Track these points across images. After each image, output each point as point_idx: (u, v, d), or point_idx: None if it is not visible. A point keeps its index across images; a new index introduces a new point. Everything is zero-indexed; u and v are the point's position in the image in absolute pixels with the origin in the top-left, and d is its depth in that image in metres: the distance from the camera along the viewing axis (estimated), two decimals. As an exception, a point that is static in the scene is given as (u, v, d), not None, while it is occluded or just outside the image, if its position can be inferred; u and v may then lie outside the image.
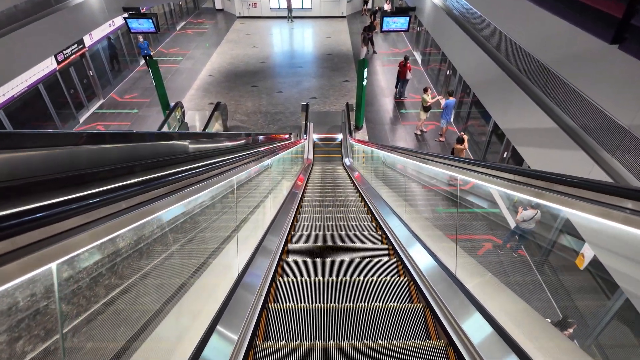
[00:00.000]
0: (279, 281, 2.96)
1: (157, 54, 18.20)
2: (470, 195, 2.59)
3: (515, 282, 7.36)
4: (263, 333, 2.39)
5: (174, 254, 1.77)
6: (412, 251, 3.20)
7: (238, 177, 2.50)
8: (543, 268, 7.46)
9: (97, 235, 0.86)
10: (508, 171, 1.67)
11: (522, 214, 7.20)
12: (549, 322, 1.97)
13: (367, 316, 2.52)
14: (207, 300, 2.09)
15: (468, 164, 2.15)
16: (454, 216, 2.65)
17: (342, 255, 3.71)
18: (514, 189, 1.59)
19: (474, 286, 2.28)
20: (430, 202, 4.78)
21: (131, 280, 1.36)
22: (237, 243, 2.52)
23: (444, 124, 11.41)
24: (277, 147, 5.50)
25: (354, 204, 5.98)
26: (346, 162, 10.56)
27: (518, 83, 6.11)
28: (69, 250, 0.78)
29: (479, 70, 8.19)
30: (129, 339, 1.31)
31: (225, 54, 18.43)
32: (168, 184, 1.22)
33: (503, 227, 8.94)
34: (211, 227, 2.42)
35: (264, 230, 3.59)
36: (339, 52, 18.66)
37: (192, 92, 14.85)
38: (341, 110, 13.68)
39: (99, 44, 13.87)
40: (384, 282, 2.96)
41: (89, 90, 13.53)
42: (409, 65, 13.50)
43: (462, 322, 2.10)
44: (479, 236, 8.48)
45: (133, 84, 15.28)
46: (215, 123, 11.71)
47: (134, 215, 1.00)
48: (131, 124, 12.63)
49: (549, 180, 1.36)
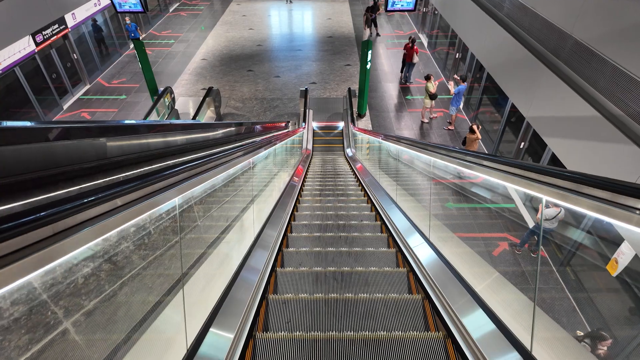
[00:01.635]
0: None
1: (148, 36, 17.24)
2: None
3: (533, 287, 6.71)
4: (262, 324, 2.39)
5: (163, 256, 1.62)
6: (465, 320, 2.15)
7: (214, 181, 2.08)
8: (565, 272, 6.79)
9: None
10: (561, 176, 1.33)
11: (545, 212, 6.48)
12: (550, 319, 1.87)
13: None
14: (208, 290, 2.08)
15: (500, 162, 1.82)
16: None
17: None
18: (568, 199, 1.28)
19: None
20: (464, 215, 4.14)
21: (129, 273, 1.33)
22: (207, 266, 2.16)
23: (454, 112, 10.60)
24: (272, 138, 4.77)
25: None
26: (348, 152, 9.80)
27: (548, 65, 5.29)
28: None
29: (498, 52, 7.34)
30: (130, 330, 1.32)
31: (220, 36, 17.45)
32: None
33: (520, 226, 8.26)
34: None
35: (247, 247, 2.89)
36: (341, 35, 17.67)
37: (185, 77, 13.99)
38: (342, 96, 12.84)
39: (83, 25, 12.94)
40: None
41: (74, 75, 12.68)
42: (416, 47, 12.59)
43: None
44: (495, 234, 7.81)
45: (122, 69, 14.40)
46: (207, 110, 10.91)
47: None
48: (118, 111, 11.84)
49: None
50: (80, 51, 13.01)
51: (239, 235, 2.91)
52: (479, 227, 7.88)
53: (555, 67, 5.15)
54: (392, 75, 14.12)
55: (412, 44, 12.46)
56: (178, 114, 11.34)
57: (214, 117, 10.99)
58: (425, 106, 10.98)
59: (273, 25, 19.49)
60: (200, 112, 9.86)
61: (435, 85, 10.55)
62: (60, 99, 11.82)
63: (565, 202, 1.30)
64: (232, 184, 2.79)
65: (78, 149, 1.29)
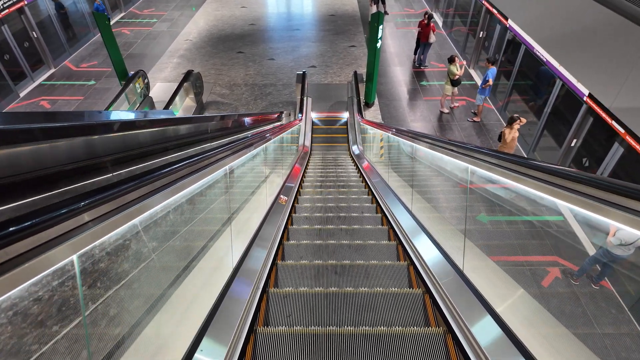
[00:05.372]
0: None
1: (127, 15, 15.35)
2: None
3: (598, 332, 5.08)
4: (263, 318, 2.29)
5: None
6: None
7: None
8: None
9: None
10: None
11: (619, 234, 4.76)
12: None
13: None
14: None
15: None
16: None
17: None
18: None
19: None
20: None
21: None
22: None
23: (481, 101, 8.84)
24: (252, 140, 3.08)
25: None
26: (354, 150, 8.08)
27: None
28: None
29: (563, 21, 5.56)
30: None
31: (209, 14, 15.55)
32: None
33: (574, 247, 6.59)
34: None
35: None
36: (344, 13, 15.75)
37: (165, 60, 12.18)
38: (347, 82, 11.06)
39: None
40: None
41: (34, 56, 10.88)
42: (433, 25, 10.75)
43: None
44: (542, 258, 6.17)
45: (94, 50, 12.59)
46: (185, 98, 9.16)
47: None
48: (84, 99, 10.10)
49: None
50: (44, 30, 11.20)
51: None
52: (521, 248, 6.26)
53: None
54: (403, 57, 12.29)
55: (428, 20, 10.62)
56: (153, 102, 9.59)
57: (193, 105, 9.24)
58: (446, 93, 9.22)
59: (269, 3, 17.54)
60: (175, 100, 8.11)
61: (461, 69, 8.76)
62: (15, 85, 10.06)
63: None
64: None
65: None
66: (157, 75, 11.33)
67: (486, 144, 8.53)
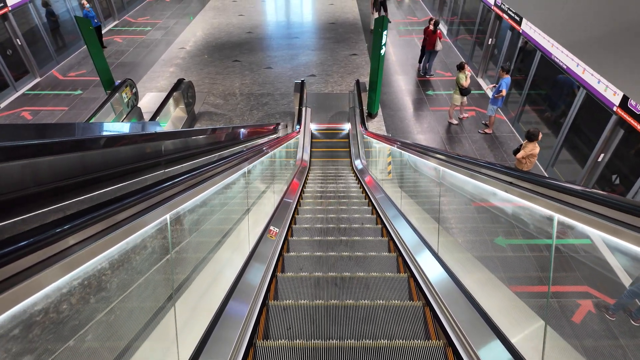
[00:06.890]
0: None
1: (121, 23, 14.87)
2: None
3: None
4: (262, 331, 2.22)
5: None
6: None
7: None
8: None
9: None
10: None
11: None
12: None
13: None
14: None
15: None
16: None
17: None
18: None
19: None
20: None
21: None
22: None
23: (493, 112, 8.22)
24: (243, 157, 2.43)
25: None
26: (357, 164, 7.42)
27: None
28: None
29: (595, 19, 4.96)
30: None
31: (206, 22, 15.07)
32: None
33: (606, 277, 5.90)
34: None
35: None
36: (345, 21, 15.27)
37: (157, 69, 11.61)
38: (348, 91, 10.47)
39: (30, 4, 10.57)
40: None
41: (18, 65, 10.31)
42: (439, 31, 10.20)
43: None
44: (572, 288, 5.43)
45: (83, 59, 12.01)
46: (175, 108, 8.54)
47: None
48: (68, 109, 9.49)
49: None
50: (31, 37, 10.66)
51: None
52: (545, 277, 5.56)
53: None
54: (407, 66, 11.73)
55: (434, 27, 10.07)
56: (141, 113, 8.97)
57: (184, 116, 8.61)
58: (455, 103, 8.61)
59: (267, 11, 17.10)
60: (162, 110, 7.48)
61: (468, 77, 8.16)
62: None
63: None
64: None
65: None
66: (149, 85, 10.75)
67: (500, 157, 7.89)
